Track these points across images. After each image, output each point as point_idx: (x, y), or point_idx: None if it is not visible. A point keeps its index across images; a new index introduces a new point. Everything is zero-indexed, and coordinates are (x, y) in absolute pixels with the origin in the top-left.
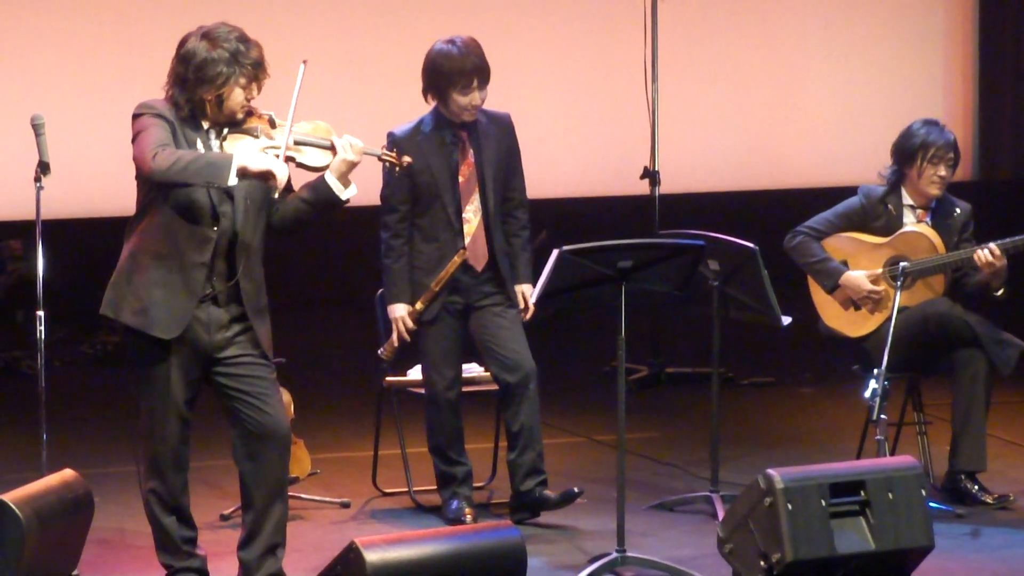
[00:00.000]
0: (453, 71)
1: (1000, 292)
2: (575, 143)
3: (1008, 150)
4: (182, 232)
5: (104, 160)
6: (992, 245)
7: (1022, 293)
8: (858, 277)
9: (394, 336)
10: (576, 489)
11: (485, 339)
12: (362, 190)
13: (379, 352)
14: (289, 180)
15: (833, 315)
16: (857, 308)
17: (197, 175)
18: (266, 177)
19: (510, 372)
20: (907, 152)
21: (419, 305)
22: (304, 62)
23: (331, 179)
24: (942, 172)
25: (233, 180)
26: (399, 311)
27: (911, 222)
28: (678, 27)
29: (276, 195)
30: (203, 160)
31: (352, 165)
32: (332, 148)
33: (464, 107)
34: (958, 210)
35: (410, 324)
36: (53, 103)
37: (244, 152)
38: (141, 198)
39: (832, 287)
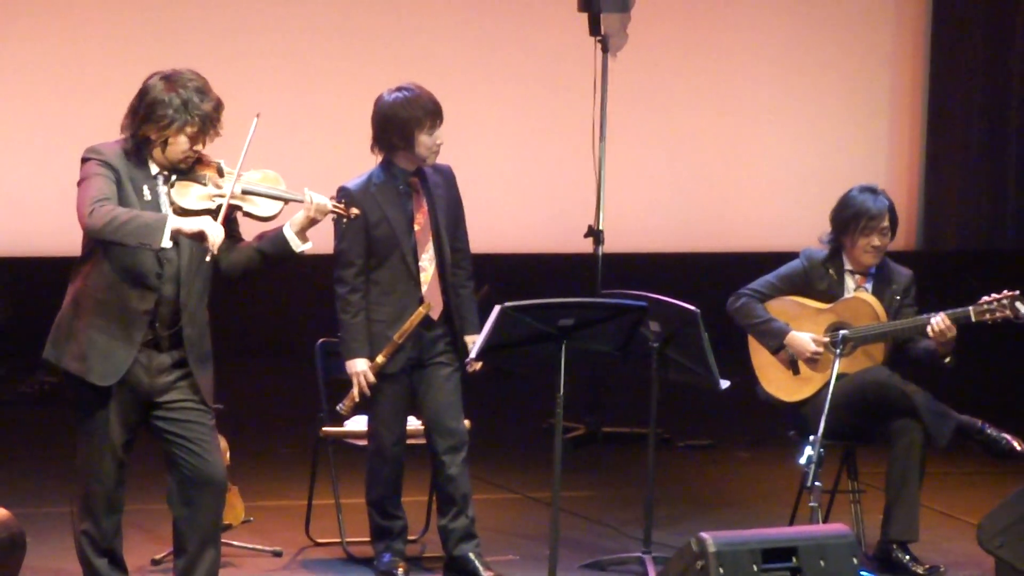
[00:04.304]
0: (418, 113)
1: (948, 360)
2: (520, 199)
3: (953, 221)
4: (126, 279)
5: (48, 199)
6: (943, 316)
7: (966, 362)
8: (803, 337)
9: (354, 391)
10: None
11: (427, 400)
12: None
13: (338, 407)
14: (238, 229)
15: (772, 380)
16: (796, 372)
17: (131, 236)
18: (200, 238)
19: (446, 438)
20: (843, 221)
21: (380, 359)
22: (257, 115)
23: (289, 233)
24: (875, 242)
25: (167, 243)
26: (359, 366)
27: (852, 287)
28: (627, 88)
29: (208, 257)
30: (138, 221)
31: (313, 222)
32: (280, 199)
33: (431, 148)
34: (899, 277)
35: (371, 379)
36: None
37: (177, 217)
38: (86, 241)
39: (777, 347)
